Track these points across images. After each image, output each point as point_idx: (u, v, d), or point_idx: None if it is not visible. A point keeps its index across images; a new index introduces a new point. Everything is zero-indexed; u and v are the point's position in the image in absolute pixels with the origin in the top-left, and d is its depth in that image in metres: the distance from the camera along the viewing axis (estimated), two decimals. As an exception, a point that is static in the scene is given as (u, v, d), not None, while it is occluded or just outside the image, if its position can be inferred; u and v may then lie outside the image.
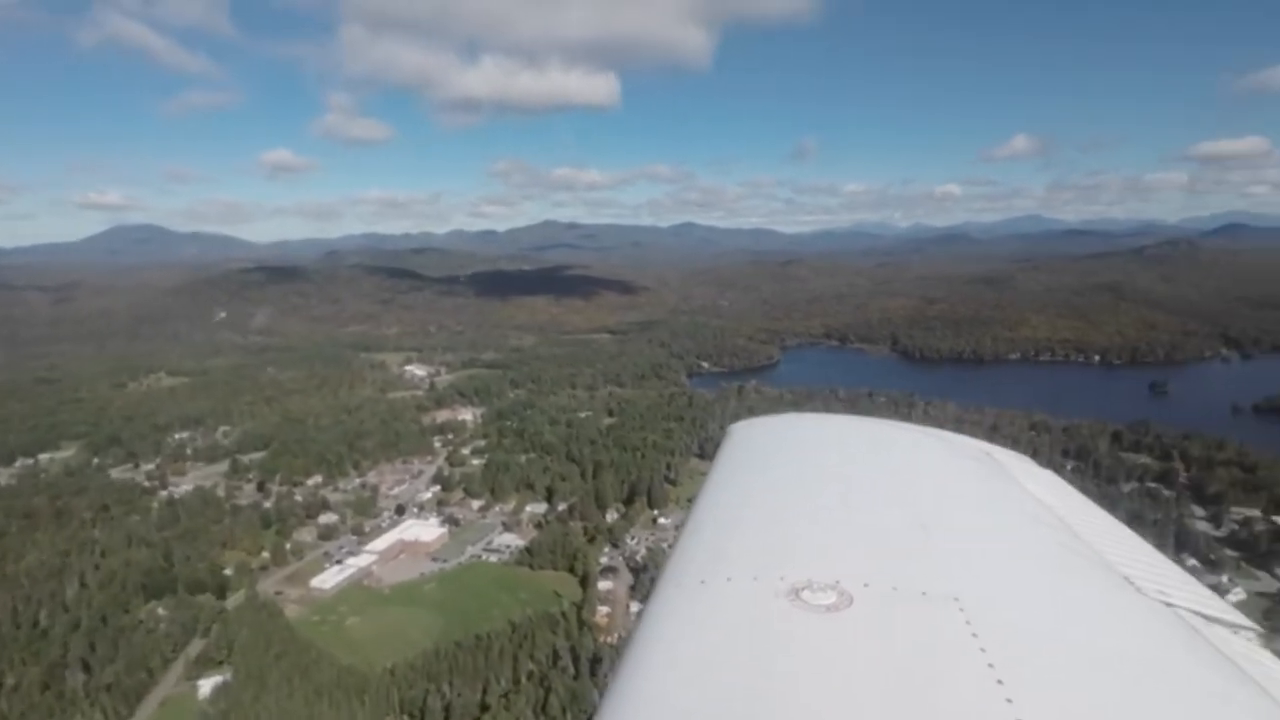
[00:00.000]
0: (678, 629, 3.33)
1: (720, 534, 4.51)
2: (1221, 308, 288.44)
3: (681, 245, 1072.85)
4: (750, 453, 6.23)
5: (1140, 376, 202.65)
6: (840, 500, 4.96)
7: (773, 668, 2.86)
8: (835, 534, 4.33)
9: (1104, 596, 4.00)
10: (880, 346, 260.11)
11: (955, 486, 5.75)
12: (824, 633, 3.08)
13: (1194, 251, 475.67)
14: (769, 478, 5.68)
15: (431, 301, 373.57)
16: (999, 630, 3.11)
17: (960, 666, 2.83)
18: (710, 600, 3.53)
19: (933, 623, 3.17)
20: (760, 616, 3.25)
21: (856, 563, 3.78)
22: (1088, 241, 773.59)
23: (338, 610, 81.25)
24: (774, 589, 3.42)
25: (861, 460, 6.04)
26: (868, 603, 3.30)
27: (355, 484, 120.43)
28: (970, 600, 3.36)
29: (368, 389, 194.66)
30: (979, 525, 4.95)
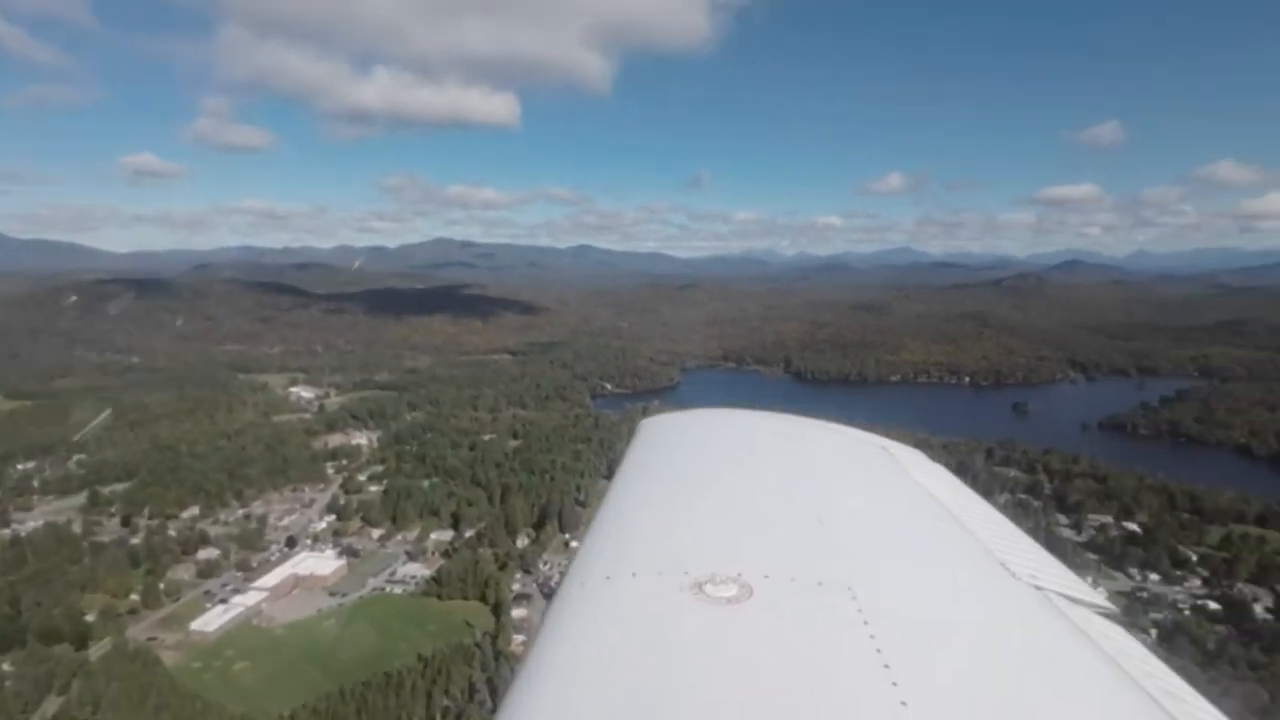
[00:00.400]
0: (581, 626, 3.35)
1: (627, 529, 4.59)
2: (1067, 335, 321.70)
3: (579, 267, 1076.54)
4: (659, 448, 6.36)
5: (1004, 397, 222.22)
6: (744, 493, 5.16)
7: (675, 661, 2.92)
8: (738, 527, 4.47)
9: (983, 582, 4.25)
10: (775, 368, 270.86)
11: (853, 479, 6.00)
12: (725, 625, 3.16)
13: (1041, 285, 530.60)
14: (676, 472, 5.78)
15: (318, 320, 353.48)
16: (888, 617, 3.28)
17: (851, 653, 2.97)
18: (615, 596, 3.57)
19: (827, 612, 3.32)
20: (664, 611, 3.32)
21: (758, 555, 3.92)
22: (951, 273, 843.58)
23: (223, 655, 74.30)
24: (678, 583, 3.51)
25: (765, 454, 6.24)
26: (767, 594, 3.42)
27: (238, 515, 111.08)
28: (862, 589, 3.54)
29: (248, 412, 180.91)
30: (873, 516, 5.16)
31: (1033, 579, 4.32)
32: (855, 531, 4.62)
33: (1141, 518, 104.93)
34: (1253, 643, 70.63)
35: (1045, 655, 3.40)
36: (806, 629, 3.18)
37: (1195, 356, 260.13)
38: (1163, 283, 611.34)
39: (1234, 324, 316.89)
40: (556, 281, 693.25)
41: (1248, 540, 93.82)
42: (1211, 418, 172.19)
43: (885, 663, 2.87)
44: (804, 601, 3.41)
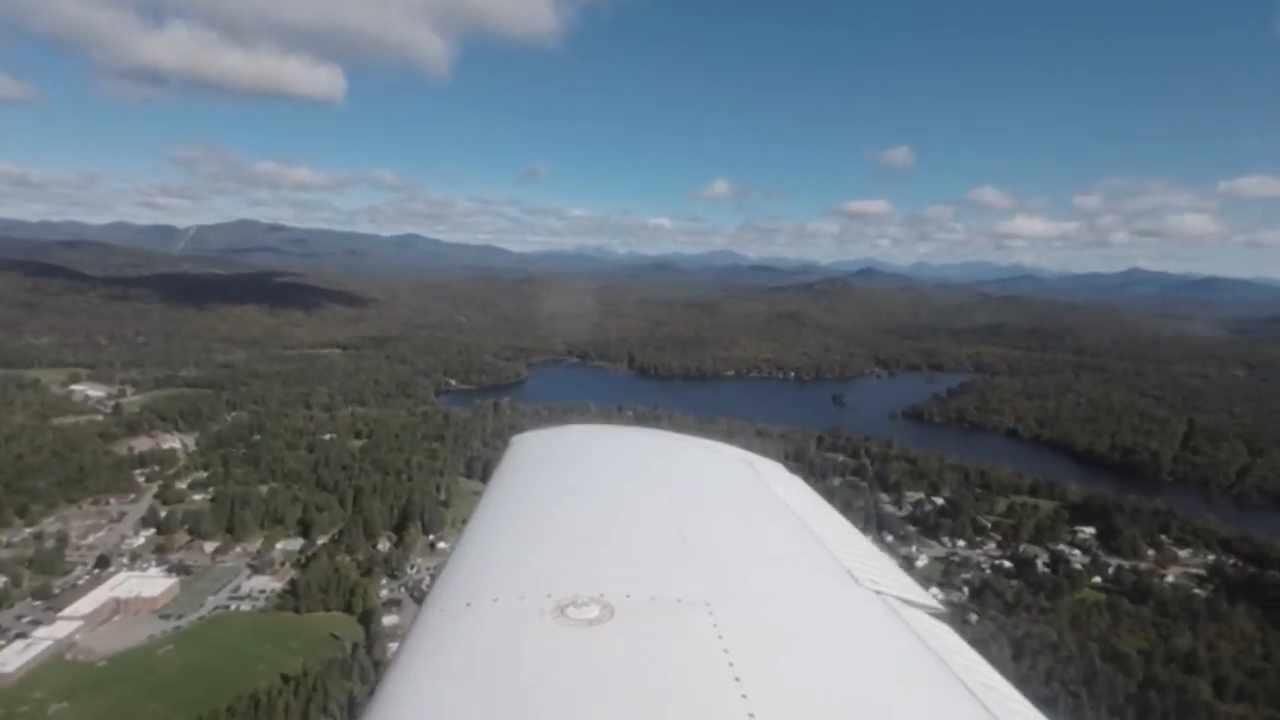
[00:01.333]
0: (439, 654, 3.26)
1: (491, 553, 4.54)
2: (870, 334, 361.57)
3: (405, 257, 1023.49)
4: (527, 467, 6.42)
5: (824, 390, 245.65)
6: (610, 512, 5.20)
7: (536, 687, 2.91)
8: (603, 547, 4.49)
9: (830, 591, 4.40)
10: (619, 364, 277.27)
11: (715, 494, 6.15)
12: (586, 647, 3.16)
13: (846, 289, 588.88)
14: (542, 492, 5.79)
15: (98, 307, 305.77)
16: (742, 632, 3.34)
17: (705, 671, 3.00)
18: (475, 623, 3.50)
19: (685, 629, 3.37)
20: (525, 636, 3.29)
21: (620, 574, 3.97)
22: (767, 276, 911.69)
23: (29, 699, 63.15)
24: (540, 607, 3.49)
25: (632, 471, 6.35)
26: (628, 614, 3.44)
27: (25, 535, 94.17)
28: (719, 604, 3.60)
29: (18, 414, 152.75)
30: (732, 531, 5.26)
31: (874, 584, 4.57)
32: (715, 547, 4.72)
33: (946, 493, 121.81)
34: (1039, 592, 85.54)
35: (883, 657, 3.64)
36: (664, 647, 3.23)
37: (971, 354, 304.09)
38: (940, 290, 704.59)
39: (996, 327, 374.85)
40: (381, 272, 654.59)
41: (1026, 508, 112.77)
42: (987, 406, 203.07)
43: (736, 676, 2.93)
44: (663, 620, 3.46)
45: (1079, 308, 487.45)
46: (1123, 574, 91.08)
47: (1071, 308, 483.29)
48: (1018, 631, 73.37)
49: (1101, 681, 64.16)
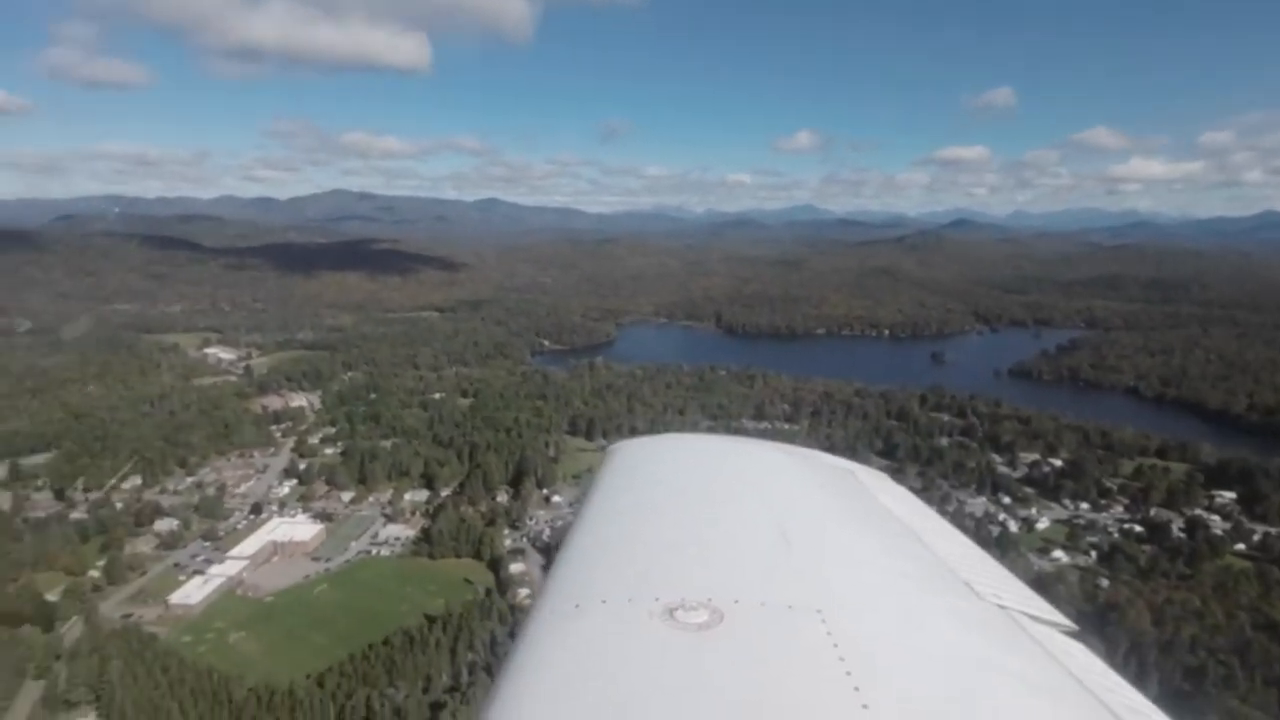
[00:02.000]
0: (552, 655, 3.37)
1: (597, 557, 4.61)
2: (967, 289, 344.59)
3: (487, 221, 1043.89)
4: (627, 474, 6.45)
5: (921, 348, 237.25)
6: (712, 519, 5.19)
7: (647, 688, 2.95)
8: (708, 553, 4.51)
9: (948, 602, 4.30)
10: (706, 323, 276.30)
11: (819, 502, 6.08)
12: (697, 650, 3.19)
13: (939, 242, 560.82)
14: (645, 499, 5.81)
15: (219, 276, 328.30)
16: (856, 639, 3.32)
17: (821, 676, 3.00)
18: (586, 624, 3.58)
19: (798, 635, 3.36)
20: (635, 638, 3.35)
21: (728, 580, 3.95)
22: (853, 230, 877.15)
23: (213, 627, 71.10)
24: (649, 610, 3.53)
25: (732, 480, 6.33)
26: (738, 619, 3.45)
27: (187, 484, 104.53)
28: (832, 611, 3.58)
29: (165, 375, 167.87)
30: (840, 539, 5.21)
31: (996, 598, 4.44)
32: (823, 554, 4.69)
33: (1064, 454, 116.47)
34: (1176, 558, 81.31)
35: (1011, 674, 3.49)
36: (778, 652, 3.23)
37: (1082, 308, 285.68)
38: (1043, 240, 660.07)
39: (1110, 279, 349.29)
40: (466, 236, 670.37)
41: (1155, 471, 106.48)
42: (1104, 364, 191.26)
43: (855, 685, 2.91)
44: (775, 625, 3.46)
45: (1205, 255, 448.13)
46: (1271, 541, 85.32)
47: (1196, 255, 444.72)
48: (1156, 598, 70.34)
49: (1256, 651, 60.91)
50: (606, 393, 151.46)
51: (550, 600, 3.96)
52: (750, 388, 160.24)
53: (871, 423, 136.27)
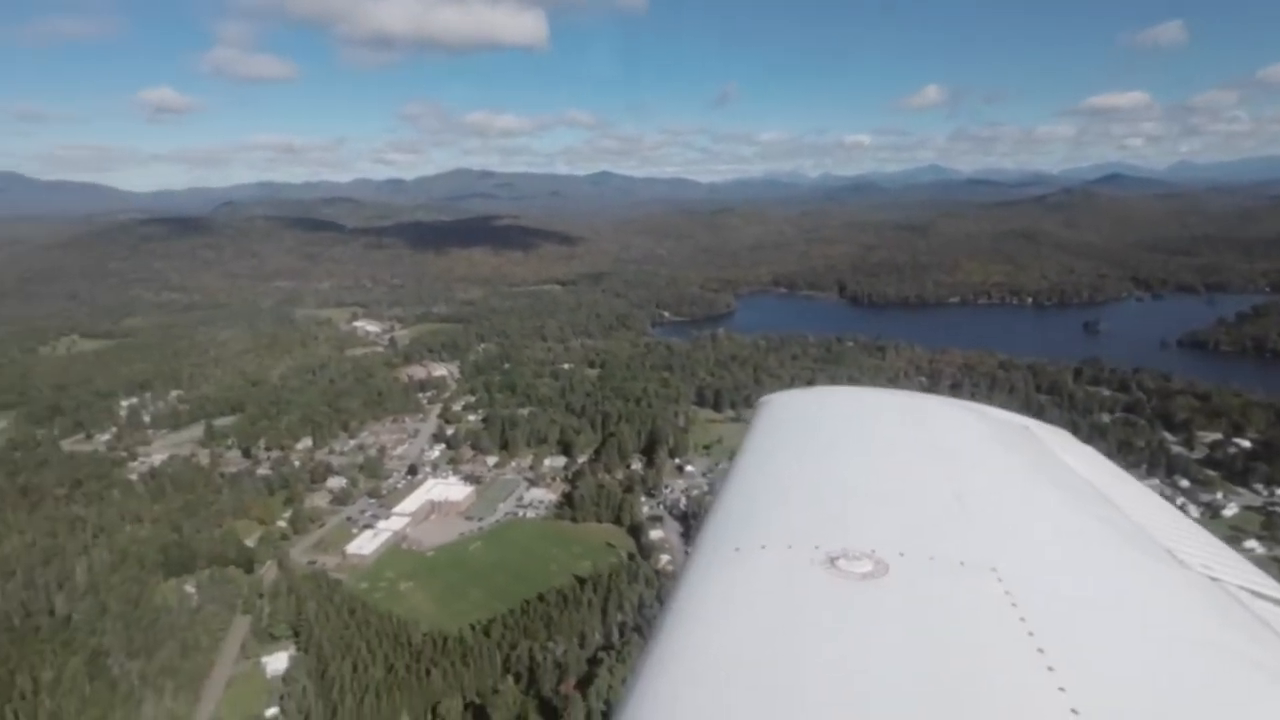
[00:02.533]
0: (713, 595, 3.33)
1: (754, 504, 4.51)
2: (1123, 251, 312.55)
3: (600, 194, 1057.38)
4: (783, 425, 6.26)
5: (1071, 317, 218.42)
6: (874, 470, 5.02)
7: (810, 633, 2.88)
8: (870, 504, 4.34)
9: (1148, 570, 3.95)
10: (828, 292, 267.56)
11: (992, 459, 5.75)
12: (861, 600, 3.09)
13: (1088, 200, 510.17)
14: (803, 449, 5.66)
15: (360, 254, 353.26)
16: (1039, 600, 3.09)
17: (1000, 635, 2.82)
18: (746, 567, 3.52)
19: (971, 591, 3.17)
20: (797, 583, 3.26)
21: (891, 532, 3.76)
22: (985, 191, 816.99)
23: (384, 576, 77.68)
24: (809, 557, 3.43)
25: (896, 432, 6.05)
26: (904, 571, 3.30)
27: (350, 445, 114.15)
28: (1009, 570, 3.34)
29: (322, 347, 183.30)
30: (1017, 497, 4.89)
31: (1206, 569, 4.01)
32: (998, 511, 4.38)
33: (1253, 433, 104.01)
34: (1405, 552, 71.00)
35: (1230, 653, 3.10)
36: (950, 607, 3.06)
37: (1266, 270, 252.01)
38: (1213, 194, 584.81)
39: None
40: (581, 210, 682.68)
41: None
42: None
43: (1039, 646, 2.71)
44: (945, 580, 3.28)
45: None
46: None
47: None
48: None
49: None
50: (731, 364, 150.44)
51: (709, 543, 3.95)
52: (881, 359, 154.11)
53: (1019, 397, 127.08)
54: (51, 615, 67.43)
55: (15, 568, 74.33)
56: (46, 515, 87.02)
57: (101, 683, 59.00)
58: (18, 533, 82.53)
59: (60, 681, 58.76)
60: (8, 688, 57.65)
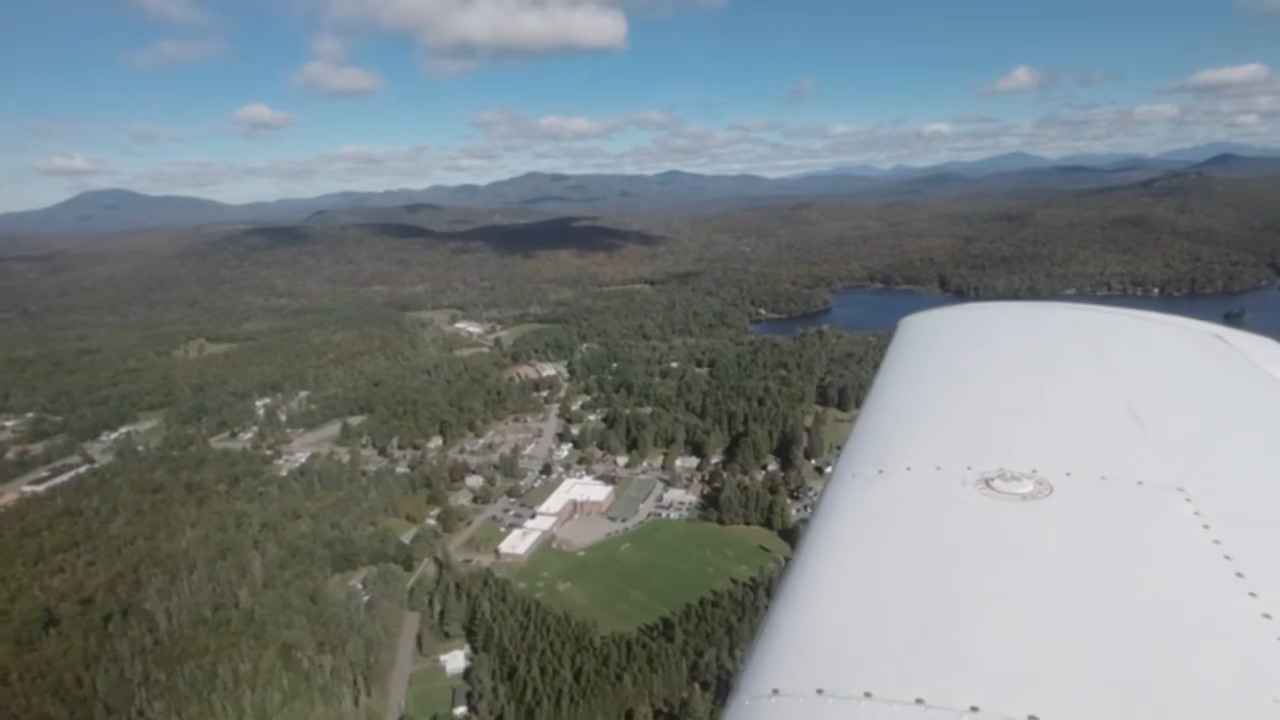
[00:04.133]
0: (856, 517, 3.14)
1: (897, 425, 4.18)
2: (1251, 237, 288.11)
3: (669, 194, 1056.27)
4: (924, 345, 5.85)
5: (1205, 307, 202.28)
6: (1031, 388, 4.62)
7: (966, 554, 2.70)
8: (1029, 422, 3.98)
9: None
10: (929, 287, 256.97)
11: (1174, 372, 5.23)
12: (1023, 519, 2.85)
13: (1202, 183, 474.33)
14: (947, 368, 5.26)
15: (448, 258, 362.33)
16: (1236, 523, 2.79)
17: (1189, 556, 2.59)
18: (890, 489, 3.32)
19: (1153, 511, 2.88)
20: (948, 504, 3.02)
21: (1054, 452, 3.46)
22: (1078, 177, 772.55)
23: (541, 576, 77.44)
24: (960, 478, 3.21)
25: (1057, 346, 5.54)
26: (1072, 491, 3.03)
27: (480, 445, 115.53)
28: (1198, 491, 3.03)
29: (430, 348, 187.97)
30: (1208, 413, 4.36)
31: None
32: (1184, 429, 3.92)
33: None
34: None
35: None
36: (1129, 526, 2.79)
37: None
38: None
39: None
40: (651, 209, 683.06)
41: None
42: None
43: (1237, 571, 2.47)
44: (1122, 501, 2.98)
45: None
46: None
47: None
48: None
49: None
50: (848, 361, 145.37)
51: (850, 465, 3.73)
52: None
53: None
54: (237, 608, 69.90)
55: (195, 560, 77.74)
56: (214, 510, 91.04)
57: (295, 675, 60.47)
58: (190, 526, 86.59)
59: (257, 674, 60.52)
60: (211, 679, 59.76)
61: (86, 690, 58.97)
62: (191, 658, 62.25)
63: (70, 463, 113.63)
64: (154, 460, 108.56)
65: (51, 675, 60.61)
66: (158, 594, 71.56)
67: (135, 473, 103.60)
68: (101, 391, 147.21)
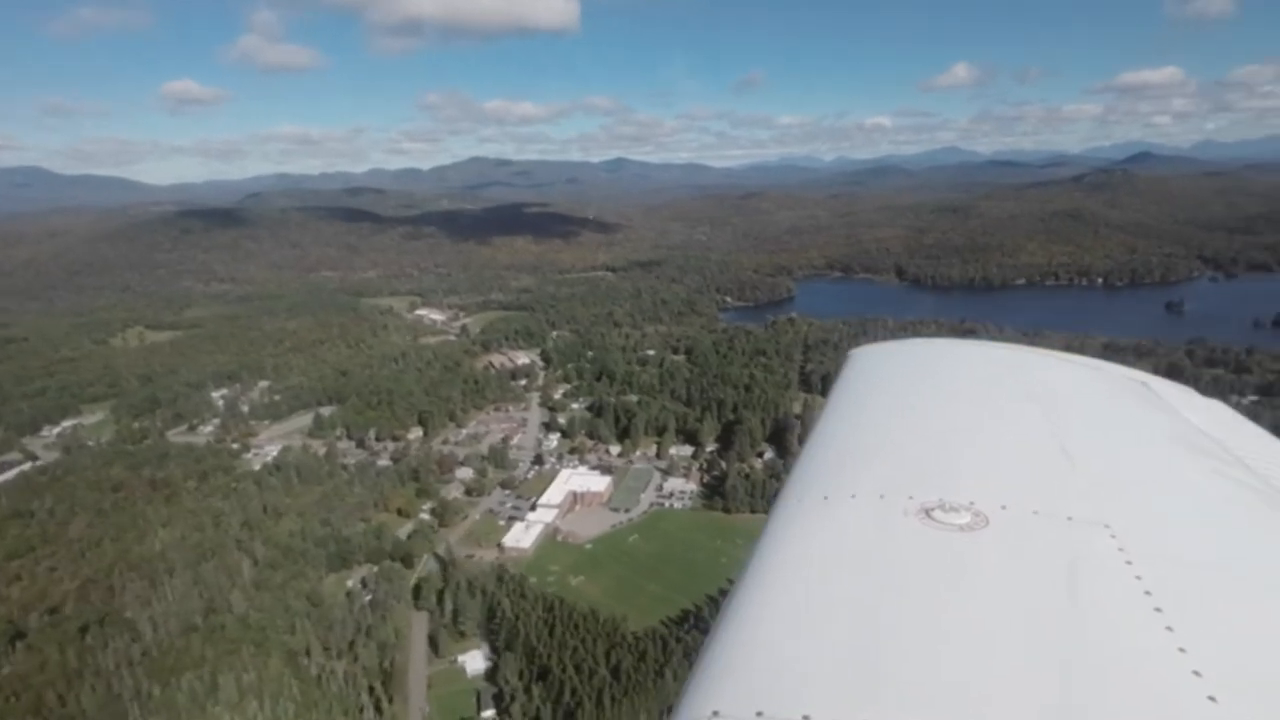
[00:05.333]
0: (800, 543, 3.21)
1: (843, 454, 4.32)
2: (1178, 230, 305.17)
3: (618, 181, 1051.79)
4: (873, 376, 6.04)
5: (1145, 297, 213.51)
6: (970, 422, 4.78)
7: (905, 581, 2.78)
8: (966, 456, 4.12)
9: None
10: (886, 275, 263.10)
11: (1104, 413, 5.40)
12: (960, 550, 2.95)
13: (1127, 180, 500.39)
14: (893, 400, 5.47)
15: (400, 244, 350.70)
16: (1156, 558, 2.93)
17: (1112, 591, 2.70)
18: (835, 516, 3.39)
19: (1080, 546, 3.01)
20: (889, 532, 3.12)
21: (991, 485, 3.58)
22: (1010, 172, 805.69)
23: (550, 569, 75.15)
24: (902, 507, 3.30)
25: (994, 383, 5.75)
26: (1006, 524, 3.16)
27: (463, 435, 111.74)
28: (1122, 527, 3.18)
29: (393, 335, 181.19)
30: (1133, 453, 4.51)
31: None
32: (1111, 467, 4.09)
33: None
34: None
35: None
36: (1057, 560, 2.90)
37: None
38: (1251, 172, 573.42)
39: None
40: (603, 197, 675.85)
41: None
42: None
43: (1156, 606, 2.57)
44: (1051, 535, 3.12)
45: None
46: None
47: None
48: None
49: None
50: (824, 347, 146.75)
51: (796, 491, 3.80)
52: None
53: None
54: (230, 613, 65.28)
55: (175, 564, 72.34)
56: (186, 509, 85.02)
57: (306, 683, 56.80)
58: (161, 527, 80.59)
59: (264, 683, 56.59)
60: (212, 690, 55.56)
61: (71, 708, 54.03)
62: (187, 668, 57.70)
63: (10, 460, 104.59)
64: (108, 456, 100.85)
65: (28, 693, 55.25)
66: (137, 601, 66.34)
67: (89, 470, 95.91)
68: (36, 383, 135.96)
